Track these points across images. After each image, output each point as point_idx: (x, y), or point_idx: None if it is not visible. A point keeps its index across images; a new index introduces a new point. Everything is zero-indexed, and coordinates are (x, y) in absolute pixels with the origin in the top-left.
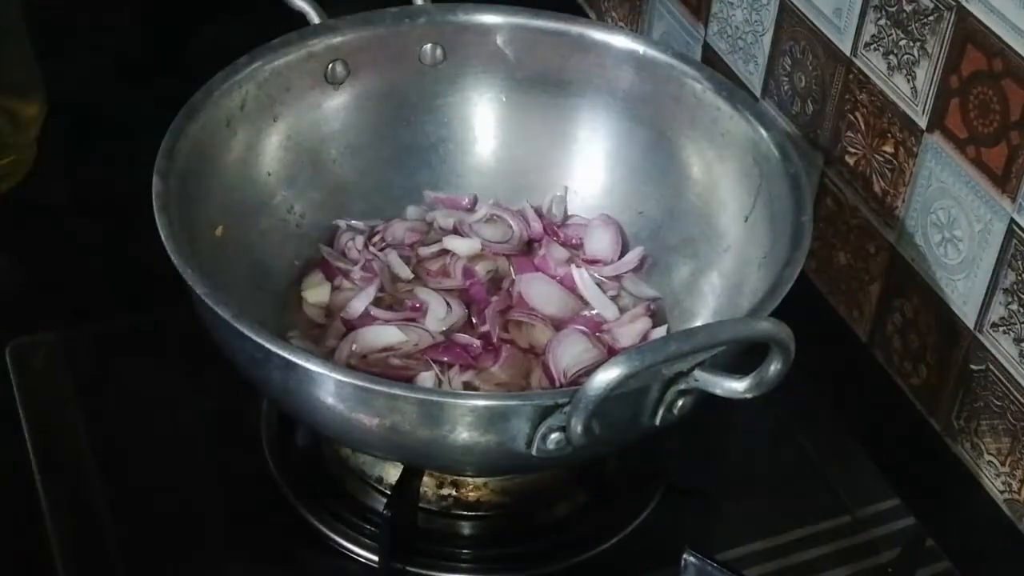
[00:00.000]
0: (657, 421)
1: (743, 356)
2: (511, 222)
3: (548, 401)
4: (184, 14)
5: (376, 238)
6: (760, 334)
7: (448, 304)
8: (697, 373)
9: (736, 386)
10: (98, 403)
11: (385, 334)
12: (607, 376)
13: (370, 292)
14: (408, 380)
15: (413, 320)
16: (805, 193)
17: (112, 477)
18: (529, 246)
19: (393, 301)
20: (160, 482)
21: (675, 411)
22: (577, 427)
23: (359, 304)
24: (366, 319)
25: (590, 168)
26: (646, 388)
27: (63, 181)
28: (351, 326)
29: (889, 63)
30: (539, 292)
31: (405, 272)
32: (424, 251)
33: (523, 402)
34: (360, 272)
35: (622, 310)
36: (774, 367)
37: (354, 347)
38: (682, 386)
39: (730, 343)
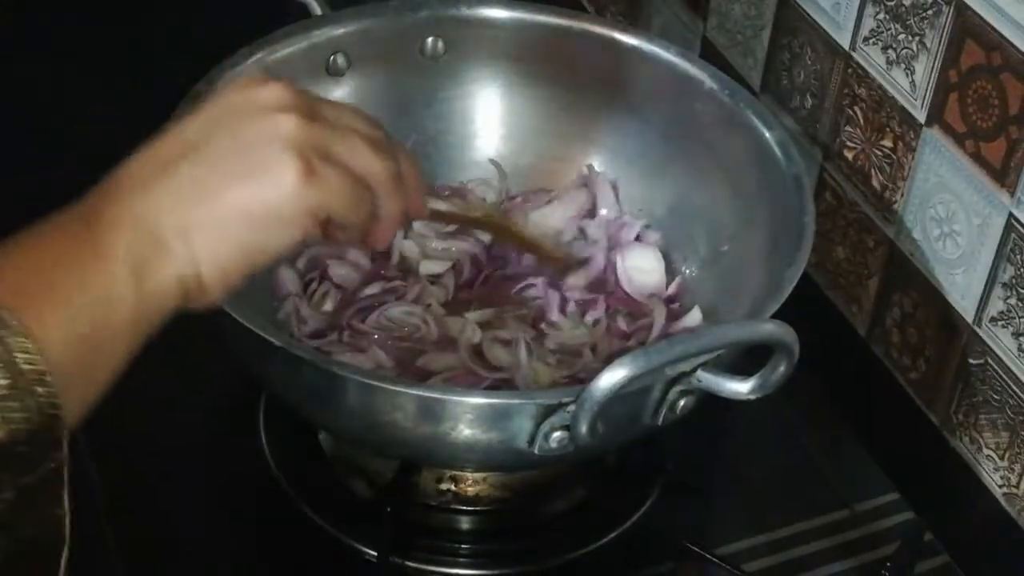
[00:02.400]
0: (659, 420)
1: (746, 354)
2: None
3: (552, 400)
4: (186, 4)
5: None
6: (765, 336)
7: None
8: (700, 373)
9: (740, 388)
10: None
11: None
12: (613, 377)
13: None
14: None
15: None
16: (807, 193)
17: (111, 476)
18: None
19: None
20: (159, 479)
21: (677, 410)
22: (582, 427)
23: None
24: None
25: (590, 163)
26: (649, 388)
27: (58, 177)
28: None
29: (888, 57)
30: None
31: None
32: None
33: (526, 400)
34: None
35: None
36: (778, 370)
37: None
38: (685, 386)
39: (735, 345)
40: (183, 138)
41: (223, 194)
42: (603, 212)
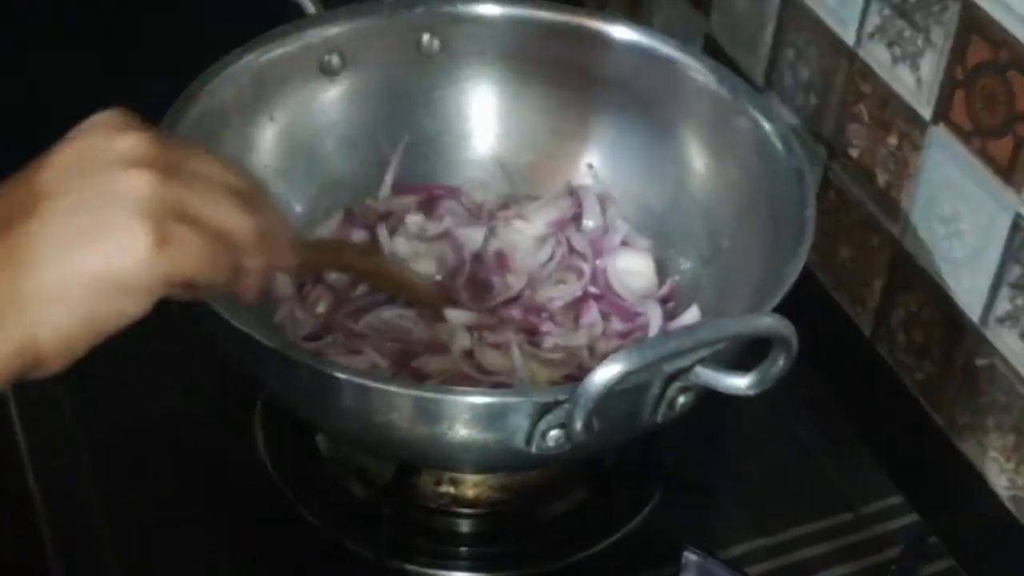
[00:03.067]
0: (658, 417)
1: (745, 351)
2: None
3: (548, 398)
4: (180, 4)
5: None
6: (763, 330)
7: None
8: (698, 369)
9: (738, 383)
10: (95, 403)
11: None
12: (608, 373)
13: None
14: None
15: None
16: (808, 187)
17: (109, 477)
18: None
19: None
20: (157, 480)
21: (676, 407)
22: (577, 424)
23: None
24: None
25: (590, 162)
26: (647, 384)
27: None
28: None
29: (893, 54)
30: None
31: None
32: None
33: (522, 399)
34: None
35: None
36: (777, 364)
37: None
38: (683, 382)
39: (732, 339)
40: (31, 188)
41: (67, 258)
42: (588, 223)
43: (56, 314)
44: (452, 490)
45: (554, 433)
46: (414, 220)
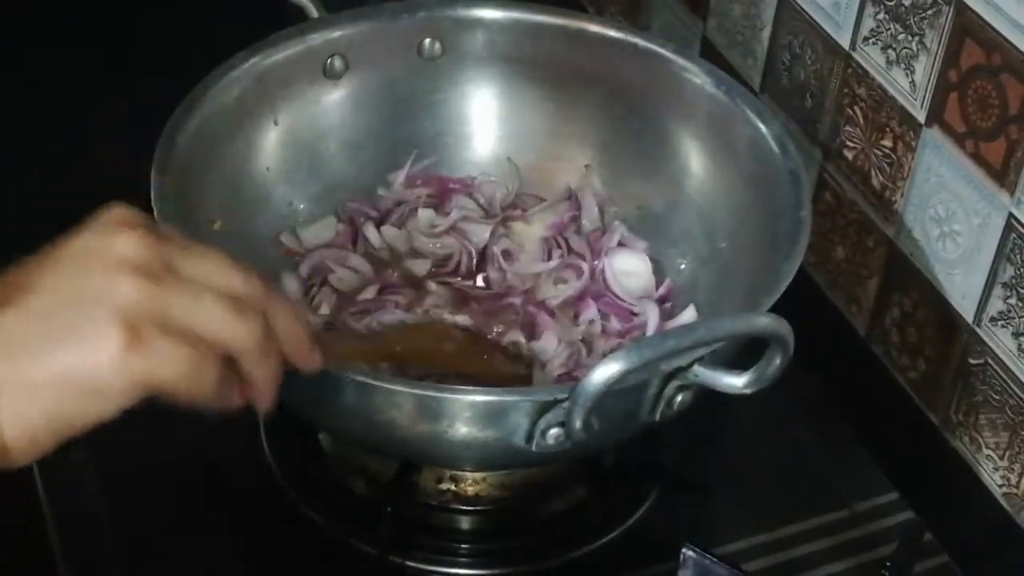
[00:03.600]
0: (656, 416)
1: (743, 350)
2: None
3: (547, 397)
4: (182, 8)
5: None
6: (759, 330)
7: None
8: (696, 368)
9: (735, 381)
10: None
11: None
12: (606, 371)
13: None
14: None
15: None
16: (803, 188)
17: (111, 476)
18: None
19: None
20: (160, 478)
21: (674, 406)
22: (576, 422)
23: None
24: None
25: (588, 163)
26: (645, 383)
27: (55, 181)
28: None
29: (888, 57)
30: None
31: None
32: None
33: (522, 398)
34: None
35: None
36: (773, 363)
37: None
38: (681, 381)
39: (729, 339)
40: (20, 278)
41: (37, 355)
42: (586, 224)
43: (21, 408)
44: (453, 488)
45: (554, 431)
46: (425, 214)
